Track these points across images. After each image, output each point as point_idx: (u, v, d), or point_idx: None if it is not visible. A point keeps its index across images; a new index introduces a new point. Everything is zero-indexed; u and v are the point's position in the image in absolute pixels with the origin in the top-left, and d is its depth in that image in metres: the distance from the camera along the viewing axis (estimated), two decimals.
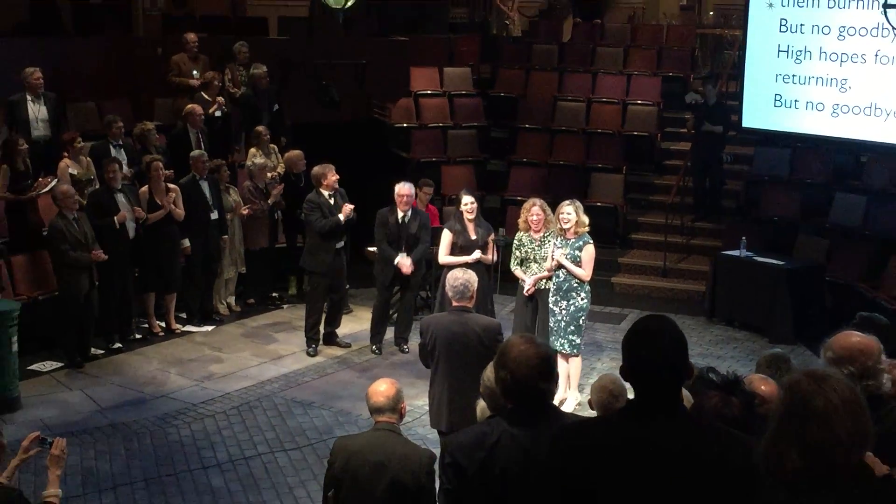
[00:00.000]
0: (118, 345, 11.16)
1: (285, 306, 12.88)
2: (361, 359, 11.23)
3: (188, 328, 11.92)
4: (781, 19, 14.14)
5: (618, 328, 12.21)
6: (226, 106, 13.46)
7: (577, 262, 9.39)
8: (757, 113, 14.58)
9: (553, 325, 9.46)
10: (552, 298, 9.50)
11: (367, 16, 17.28)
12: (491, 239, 10.58)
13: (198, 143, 12.50)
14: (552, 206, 9.86)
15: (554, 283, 9.51)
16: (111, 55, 14.31)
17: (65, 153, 11.79)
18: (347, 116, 14.92)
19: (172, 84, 13.68)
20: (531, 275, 9.74)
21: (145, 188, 11.34)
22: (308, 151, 12.61)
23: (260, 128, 13.09)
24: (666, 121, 16.18)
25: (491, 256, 10.55)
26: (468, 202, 10.58)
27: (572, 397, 9.61)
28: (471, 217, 10.51)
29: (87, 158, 11.79)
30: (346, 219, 11.02)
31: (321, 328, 11.39)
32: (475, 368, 6.67)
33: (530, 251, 9.78)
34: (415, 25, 17.10)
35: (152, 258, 11.40)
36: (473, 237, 10.45)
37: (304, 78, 14.67)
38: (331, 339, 11.48)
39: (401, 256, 10.95)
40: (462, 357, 7.14)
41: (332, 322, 11.54)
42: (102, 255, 10.59)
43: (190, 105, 12.78)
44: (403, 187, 11.06)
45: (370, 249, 11.68)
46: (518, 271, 9.89)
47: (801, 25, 13.95)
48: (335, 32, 15.42)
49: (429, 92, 16.30)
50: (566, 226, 9.40)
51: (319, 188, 11.07)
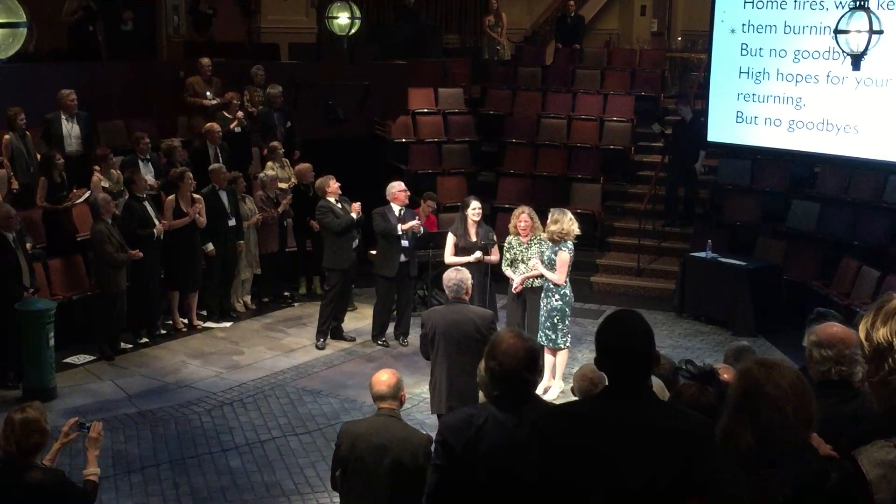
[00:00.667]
0: (145, 339, 11.15)
1: (296, 304, 12.86)
2: (365, 351, 11.22)
3: (208, 324, 11.90)
4: (742, 44, 14.14)
5: (597, 322, 12.05)
6: (244, 122, 13.45)
7: (553, 265, 9.37)
8: (721, 128, 14.57)
9: (541, 320, 9.49)
10: (542, 296, 9.52)
11: (369, 42, 17.26)
12: (486, 242, 10.52)
13: (216, 158, 12.49)
14: (541, 214, 9.87)
15: (541, 284, 9.54)
16: (138, 78, 14.29)
17: (96, 167, 11.79)
18: (352, 133, 14.92)
19: (188, 104, 13.67)
20: (519, 274, 9.75)
21: (171, 197, 11.32)
22: (316, 164, 12.61)
23: (275, 143, 13.11)
24: (639, 135, 16.16)
25: (496, 257, 10.46)
26: (476, 207, 10.57)
27: (557, 386, 9.61)
28: (476, 220, 10.50)
29: (117, 172, 11.78)
30: (358, 217, 11.01)
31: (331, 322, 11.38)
32: (472, 353, 6.71)
33: (519, 253, 9.78)
34: (412, 50, 17.07)
35: (177, 260, 11.39)
36: (474, 239, 10.45)
37: (313, 98, 14.66)
38: (337, 333, 11.45)
39: (409, 224, 11.01)
40: (460, 343, 7.17)
41: (339, 317, 11.52)
42: (140, 254, 10.61)
43: (209, 123, 12.79)
44: (401, 184, 11.12)
45: (372, 252, 11.66)
46: (508, 271, 9.89)
47: (760, 49, 13.96)
48: (340, 57, 15.41)
49: (425, 110, 16.29)
50: (553, 227, 9.36)
51: (325, 196, 11.08)
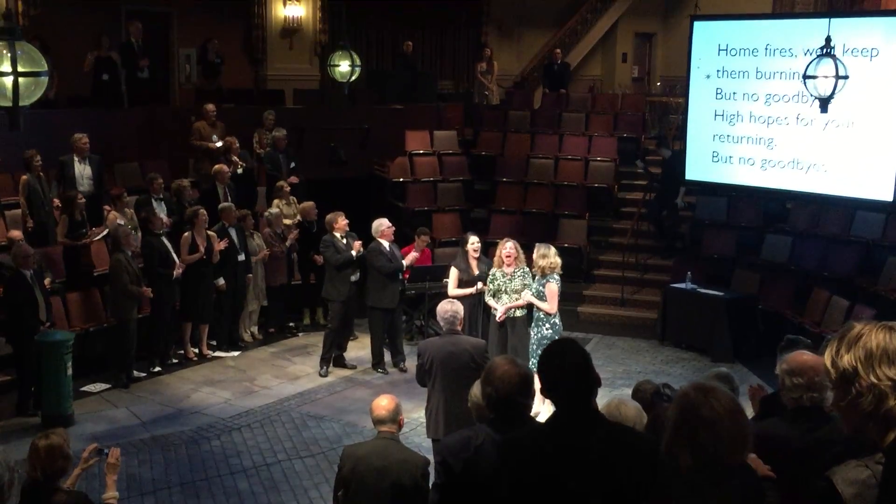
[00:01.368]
0: (158, 368, 11.12)
1: (300, 334, 12.84)
2: (366, 378, 11.19)
3: (218, 353, 11.86)
4: (717, 88, 14.27)
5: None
6: (246, 164, 13.46)
7: (542, 296, 9.38)
8: (698, 167, 14.66)
9: (529, 348, 9.47)
10: (532, 326, 9.51)
11: (369, 88, 17.37)
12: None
13: (225, 197, 12.52)
14: (526, 248, 9.87)
15: (524, 314, 9.54)
16: (152, 123, 14.37)
17: (106, 206, 11.83)
18: (352, 173, 14.97)
19: (193, 147, 13.71)
20: (502, 304, 9.71)
21: (187, 234, 11.33)
22: (319, 203, 12.64)
23: (281, 182, 13.15)
24: (622, 174, 16.24)
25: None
26: (474, 242, 10.60)
27: (546, 409, 9.56)
28: (475, 255, 10.52)
29: (131, 210, 11.81)
30: (358, 254, 11.04)
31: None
32: (467, 382, 6.67)
33: (502, 284, 9.72)
34: (409, 96, 17.17)
35: (191, 293, 11.38)
36: (476, 273, 10.46)
37: (316, 140, 14.72)
38: (339, 362, 11.43)
39: (410, 258, 11.34)
40: (456, 372, 7.15)
41: (342, 345, 11.50)
42: (150, 293, 10.61)
43: (219, 165, 12.83)
44: (386, 221, 11.22)
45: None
46: (491, 302, 9.83)
47: (734, 93, 14.08)
48: (341, 102, 15.49)
49: (421, 151, 16.35)
50: (542, 262, 9.36)
51: (332, 231, 11.11)
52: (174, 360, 11.45)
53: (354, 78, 13.01)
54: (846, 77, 9.57)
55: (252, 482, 8.39)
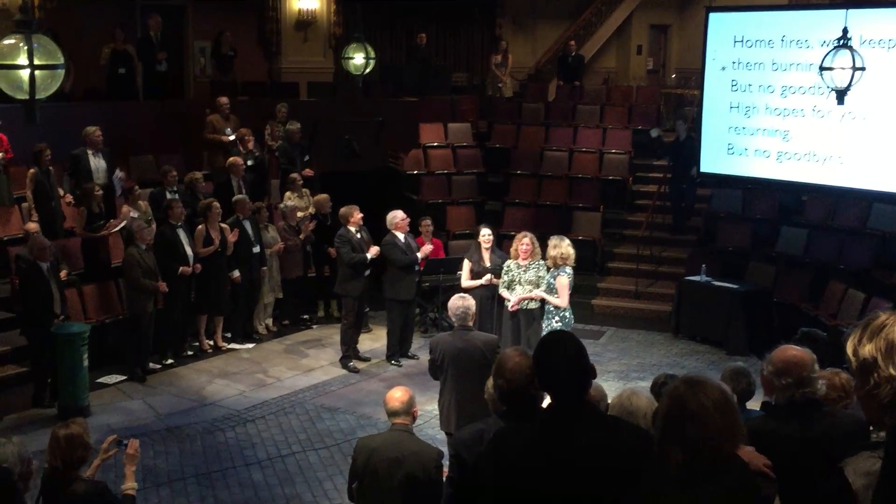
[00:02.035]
0: (170, 360, 11.16)
1: (314, 326, 12.87)
2: (380, 370, 11.22)
3: (233, 346, 11.91)
4: (732, 80, 14.20)
5: (597, 343, 12.19)
6: (259, 155, 13.48)
7: (553, 289, 9.36)
8: (713, 160, 14.60)
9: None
10: (543, 318, 9.50)
11: (383, 81, 17.37)
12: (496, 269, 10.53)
13: (239, 189, 12.55)
14: (541, 241, 9.86)
15: (537, 306, 9.55)
16: (167, 116, 14.40)
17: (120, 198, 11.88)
18: (367, 165, 14.96)
19: (207, 140, 13.72)
20: (516, 296, 9.71)
21: (201, 227, 11.37)
22: (333, 195, 12.66)
23: (294, 174, 13.17)
24: (636, 167, 16.20)
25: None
26: (486, 234, 10.62)
27: None
28: (487, 247, 10.52)
29: (145, 203, 11.84)
30: (372, 257, 11.06)
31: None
32: (478, 377, 6.69)
33: (516, 276, 9.73)
34: (423, 88, 17.15)
35: (206, 286, 11.42)
36: (488, 264, 10.47)
37: (330, 133, 14.73)
38: (355, 354, 11.45)
39: (425, 250, 11.44)
40: (467, 368, 7.15)
41: (355, 339, 11.51)
42: (165, 288, 10.65)
43: (233, 158, 12.86)
44: (401, 213, 11.23)
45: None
46: (505, 293, 9.84)
47: (749, 85, 14.01)
48: (356, 95, 15.49)
49: (435, 144, 16.35)
50: (553, 252, 9.36)
51: (347, 225, 11.11)
52: (189, 353, 11.50)
53: (369, 70, 13.00)
54: (863, 69, 9.50)
55: (266, 473, 8.43)
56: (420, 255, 11.34)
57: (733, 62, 14.16)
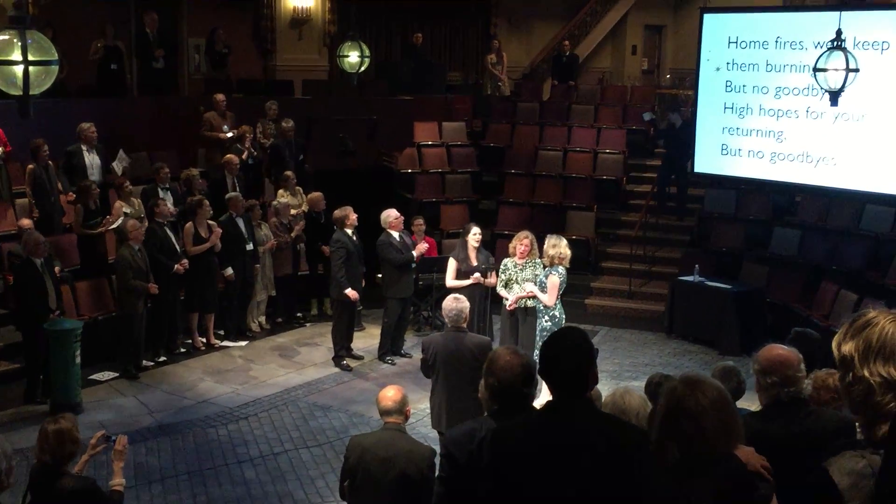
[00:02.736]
0: (163, 358, 11.14)
1: (308, 324, 12.86)
2: (373, 369, 11.21)
3: (225, 343, 11.89)
4: (727, 81, 14.22)
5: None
6: (256, 154, 13.49)
7: (544, 287, 9.37)
8: (707, 160, 14.62)
9: (534, 339, 9.48)
10: (536, 316, 9.51)
11: (378, 79, 17.37)
12: (485, 268, 10.52)
13: (234, 187, 12.54)
14: (539, 240, 9.86)
15: (535, 304, 9.54)
16: (162, 112, 14.38)
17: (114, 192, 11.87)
18: (361, 163, 14.96)
19: (203, 138, 13.70)
20: (513, 294, 9.74)
21: (190, 224, 11.36)
22: (328, 194, 12.65)
23: (288, 172, 13.16)
24: (630, 167, 16.23)
25: (494, 280, 10.45)
26: (476, 232, 10.57)
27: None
28: (476, 245, 10.51)
29: (138, 199, 11.82)
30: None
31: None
32: (469, 380, 6.70)
33: (513, 274, 9.75)
34: (418, 87, 17.16)
35: (196, 283, 11.40)
36: (475, 264, 10.43)
37: (325, 131, 14.72)
38: (348, 352, 11.44)
39: (420, 248, 11.46)
40: (458, 370, 7.14)
41: (349, 337, 11.50)
42: (156, 289, 10.63)
43: (228, 155, 12.85)
44: (395, 212, 11.22)
45: (379, 276, 11.68)
46: (503, 291, 9.85)
47: (744, 86, 14.03)
48: (351, 93, 15.49)
49: (430, 143, 16.35)
50: (552, 251, 9.38)
51: (343, 228, 11.07)
52: (182, 350, 11.48)
53: (364, 69, 13.00)
54: (857, 70, 9.52)
55: (259, 471, 8.42)
56: (415, 254, 11.35)
57: (727, 63, 14.18)
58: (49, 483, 4.82)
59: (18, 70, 5.89)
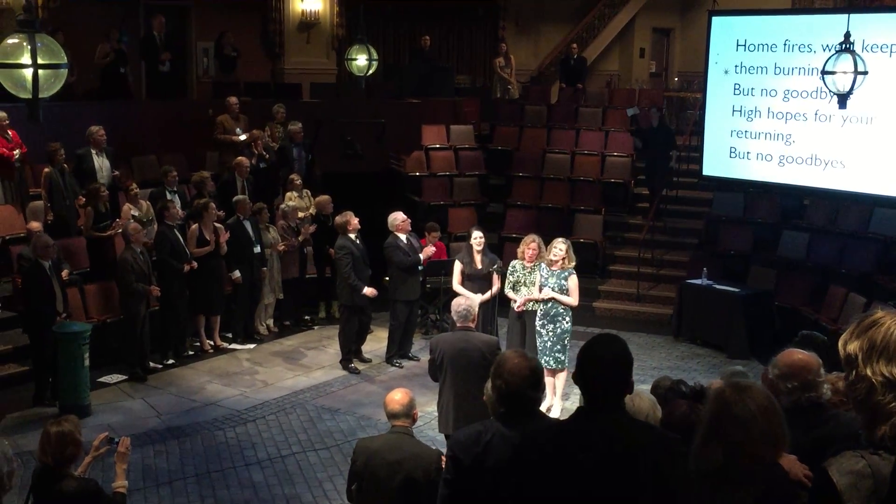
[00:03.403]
0: (171, 360, 11.17)
1: (315, 327, 12.87)
2: (380, 372, 11.21)
3: (233, 346, 11.92)
4: (735, 84, 14.19)
5: None
6: (267, 157, 13.51)
7: (564, 291, 9.40)
8: (715, 163, 14.60)
9: (540, 346, 9.44)
10: (539, 322, 9.49)
11: (386, 82, 17.38)
12: (493, 269, 10.56)
13: (243, 190, 12.56)
14: (545, 242, 9.88)
15: (542, 310, 9.50)
16: (170, 116, 14.42)
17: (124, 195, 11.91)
18: (368, 167, 14.94)
19: (217, 141, 13.74)
20: (521, 296, 9.74)
21: (195, 226, 11.39)
22: (336, 197, 12.67)
23: (294, 175, 13.18)
24: (638, 170, 16.20)
25: (497, 286, 10.50)
26: (478, 236, 10.64)
27: (557, 405, 9.58)
28: (479, 249, 10.55)
29: (146, 202, 11.85)
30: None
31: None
32: (478, 379, 6.69)
33: (521, 276, 9.78)
34: (426, 90, 17.16)
35: (202, 285, 11.42)
36: (479, 267, 10.49)
37: (332, 134, 14.72)
38: (357, 355, 11.44)
39: (428, 251, 11.44)
40: (466, 369, 7.13)
41: (359, 341, 11.52)
42: (157, 292, 10.65)
43: (239, 157, 12.88)
44: (401, 214, 11.24)
45: (386, 279, 11.68)
46: (511, 293, 9.87)
47: (752, 89, 14.00)
48: (358, 96, 15.49)
49: (437, 146, 16.36)
50: (554, 258, 9.43)
51: (346, 233, 11.07)
52: (190, 353, 11.50)
53: (371, 72, 13.00)
54: (865, 73, 9.49)
55: (266, 474, 8.43)
56: (422, 257, 11.36)
57: (736, 66, 14.16)
58: (51, 485, 4.82)
59: (28, 73, 5.90)
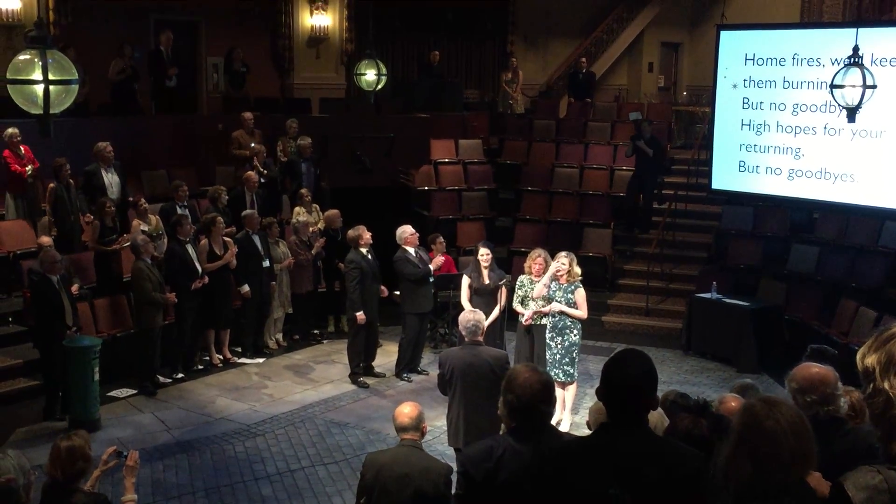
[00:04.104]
0: (181, 375, 11.18)
1: (325, 341, 12.87)
2: (389, 386, 11.20)
3: (242, 360, 11.92)
4: (744, 98, 14.20)
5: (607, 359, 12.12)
6: (269, 171, 13.49)
7: (572, 304, 9.39)
8: (724, 177, 14.59)
9: (549, 358, 9.43)
10: (549, 335, 9.48)
11: (395, 97, 17.43)
12: (502, 283, 10.58)
13: (252, 204, 12.59)
14: (551, 256, 9.89)
15: (550, 322, 9.50)
16: (179, 130, 14.48)
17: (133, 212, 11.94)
18: (378, 181, 15.00)
19: (233, 156, 13.80)
20: (529, 310, 9.74)
21: (205, 241, 11.42)
22: (345, 211, 12.70)
23: (303, 190, 13.22)
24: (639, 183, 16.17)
25: (503, 302, 10.52)
26: (484, 253, 10.66)
27: (567, 419, 9.55)
28: (486, 265, 10.57)
29: (156, 217, 11.88)
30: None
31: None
32: (487, 393, 6.70)
33: (529, 291, 9.78)
34: (434, 105, 17.20)
35: (211, 300, 11.44)
36: (487, 282, 10.51)
37: (342, 149, 14.78)
38: (368, 371, 11.43)
39: (436, 263, 11.51)
40: (476, 384, 7.12)
41: (369, 356, 11.51)
42: (175, 299, 10.69)
43: (248, 172, 12.92)
44: (409, 228, 11.27)
45: (396, 293, 11.69)
46: (519, 307, 9.88)
47: (761, 103, 14.00)
48: (367, 111, 15.55)
49: (446, 160, 16.39)
50: (558, 272, 9.42)
51: (358, 247, 11.08)
52: (199, 367, 11.52)
53: (380, 87, 13.07)
54: (874, 86, 9.50)
55: (276, 488, 8.42)
56: (432, 268, 11.37)
57: (744, 80, 14.17)
58: (60, 500, 4.82)
59: (39, 89, 5.95)
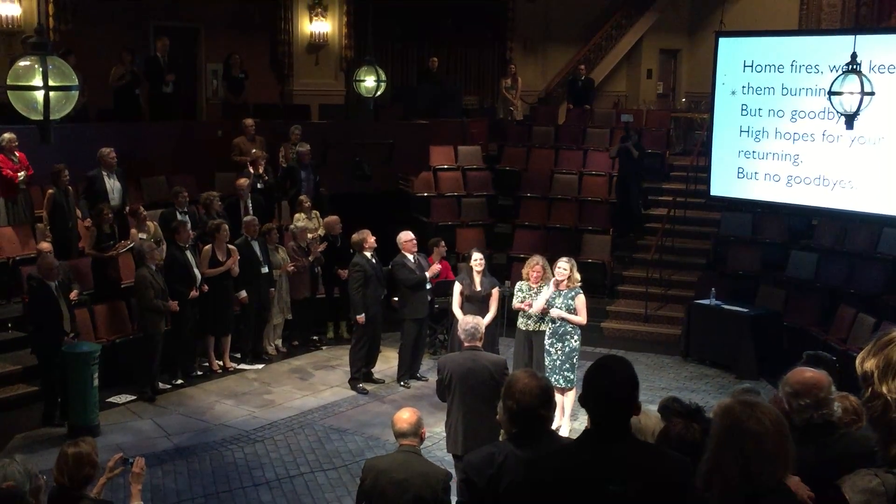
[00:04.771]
0: (180, 381, 11.18)
1: (324, 347, 12.87)
2: (388, 392, 11.20)
3: (242, 366, 11.92)
4: (742, 105, 14.23)
5: None
6: (266, 178, 13.51)
7: (572, 310, 9.40)
8: (723, 183, 14.62)
9: (549, 364, 9.43)
10: (548, 341, 9.49)
11: (394, 103, 17.45)
12: (495, 291, 10.59)
13: (246, 210, 12.59)
14: (550, 262, 9.90)
15: (550, 328, 9.50)
16: (180, 137, 14.49)
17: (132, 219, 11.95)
18: (377, 187, 15.01)
19: (235, 163, 13.81)
20: (537, 304, 9.69)
21: (208, 247, 11.42)
22: (344, 217, 12.71)
23: (303, 196, 13.22)
24: (646, 190, 16.21)
25: (494, 308, 10.52)
26: (477, 258, 10.67)
27: (566, 424, 9.56)
28: (479, 270, 10.57)
29: (154, 224, 11.89)
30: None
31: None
32: (485, 397, 6.70)
33: (528, 297, 9.78)
34: (434, 111, 17.22)
35: (211, 306, 11.44)
36: (478, 289, 10.52)
37: (341, 155, 14.79)
38: (368, 377, 11.42)
39: (433, 270, 11.49)
40: (475, 389, 7.12)
41: (371, 362, 11.51)
42: (177, 307, 10.70)
43: (241, 179, 12.92)
44: (409, 234, 11.27)
45: (395, 299, 11.69)
46: (519, 304, 9.84)
47: (759, 110, 14.03)
48: (367, 117, 15.56)
49: (445, 166, 16.41)
50: (559, 278, 9.43)
51: (362, 251, 11.10)
52: (199, 373, 11.51)
53: (380, 93, 13.06)
54: (872, 93, 9.51)
55: (275, 494, 8.41)
56: (428, 275, 11.34)
57: (743, 86, 14.20)
58: None
59: (39, 95, 5.96)
